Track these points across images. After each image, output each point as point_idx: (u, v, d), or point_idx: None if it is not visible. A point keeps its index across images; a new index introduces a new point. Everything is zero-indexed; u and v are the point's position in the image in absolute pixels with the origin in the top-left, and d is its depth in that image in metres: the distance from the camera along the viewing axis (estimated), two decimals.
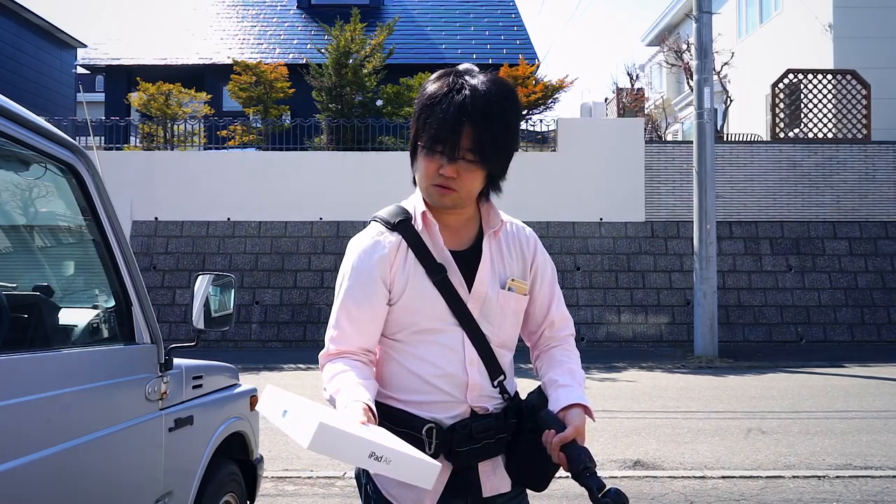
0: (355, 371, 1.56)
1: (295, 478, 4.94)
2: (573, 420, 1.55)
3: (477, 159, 1.55)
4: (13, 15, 20.15)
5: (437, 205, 1.63)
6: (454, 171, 1.55)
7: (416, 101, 1.64)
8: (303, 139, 14.45)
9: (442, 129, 1.54)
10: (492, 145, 1.56)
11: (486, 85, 1.57)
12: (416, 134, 1.61)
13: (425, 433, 1.57)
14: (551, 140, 13.92)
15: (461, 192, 1.59)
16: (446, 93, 1.56)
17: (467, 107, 1.53)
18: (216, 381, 2.88)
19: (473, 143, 1.54)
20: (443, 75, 1.62)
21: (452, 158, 1.55)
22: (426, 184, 1.61)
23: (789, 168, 13.24)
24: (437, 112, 1.55)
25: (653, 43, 26.44)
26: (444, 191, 1.59)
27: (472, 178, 1.58)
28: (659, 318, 12.38)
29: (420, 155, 1.60)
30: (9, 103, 1.74)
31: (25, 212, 2.39)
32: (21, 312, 2.05)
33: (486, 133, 1.54)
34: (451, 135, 1.53)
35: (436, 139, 1.55)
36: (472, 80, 1.58)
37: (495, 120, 1.55)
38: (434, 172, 1.57)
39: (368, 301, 1.60)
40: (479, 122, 1.53)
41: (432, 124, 1.55)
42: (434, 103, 1.56)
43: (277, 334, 12.31)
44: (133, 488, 2.15)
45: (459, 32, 19.61)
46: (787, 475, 4.91)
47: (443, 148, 1.55)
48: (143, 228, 13.04)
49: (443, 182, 1.57)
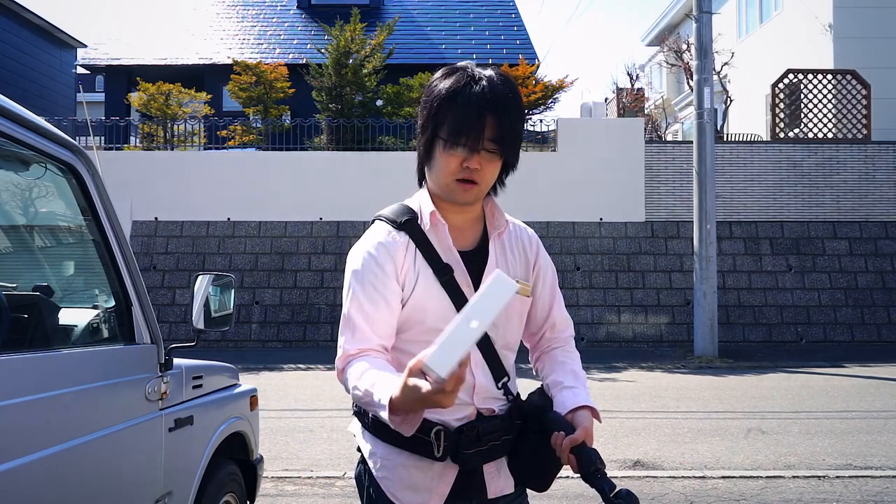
0: (384, 367, 1.50)
1: (295, 478, 4.94)
2: (581, 422, 1.55)
3: (498, 149, 1.57)
4: (13, 15, 20.15)
5: (460, 201, 1.62)
6: (478, 162, 1.56)
7: (424, 99, 1.63)
8: (303, 139, 14.45)
9: (465, 121, 1.54)
10: (511, 133, 1.58)
11: (498, 76, 1.60)
12: (433, 131, 1.59)
13: (434, 435, 1.57)
14: (551, 140, 13.92)
15: (483, 184, 1.60)
16: (464, 85, 1.56)
17: (487, 96, 1.54)
18: (216, 381, 2.88)
19: (496, 133, 1.55)
20: (453, 71, 1.62)
21: (475, 149, 1.55)
22: (448, 180, 1.59)
23: (789, 168, 13.24)
24: (457, 105, 1.55)
25: (653, 43, 26.45)
26: (468, 185, 1.58)
27: (493, 168, 1.60)
28: (659, 318, 12.38)
29: (439, 151, 1.59)
30: (9, 103, 1.74)
31: (25, 212, 2.39)
32: (21, 312, 2.05)
33: (506, 122, 1.56)
34: (476, 126, 1.54)
35: (459, 132, 1.55)
36: (486, 72, 1.60)
37: (513, 108, 1.57)
38: (457, 167, 1.57)
39: (384, 299, 1.58)
40: (501, 111, 1.55)
41: (454, 117, 1.55)
42: (452, 97, 1.56)
43: (277, 334, 12.31)
44: (133, 488, 2.15)
45: (459, 32, 19.61)
46: (787, 475, 4.91)
47: (466, 140, 1.55)
48: (143, 228, 13.04)
49: (467, 175, 1.57)
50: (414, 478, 1.60)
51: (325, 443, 5.88)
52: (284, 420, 6.65)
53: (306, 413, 7.13)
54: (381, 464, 1.63)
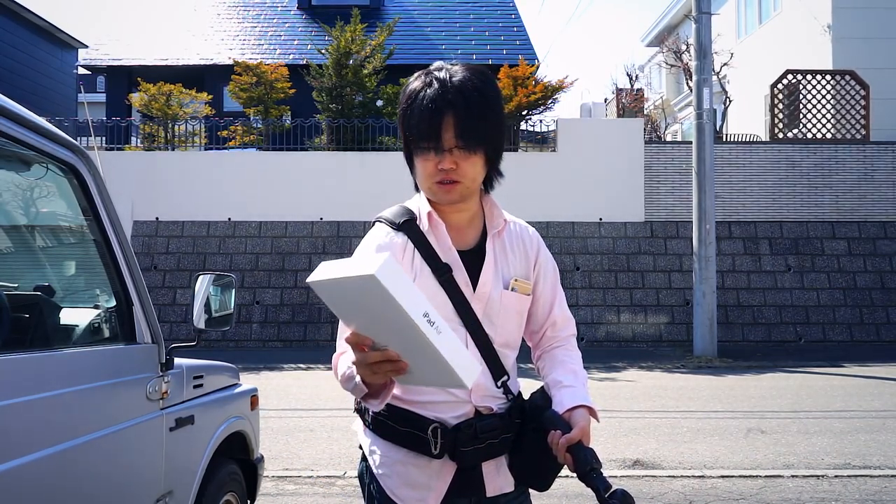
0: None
1: (295, 477, 4.94)
2: (579, 421, 1.56)
3: (464, 145, 1.56)
4: (14, 15, 20.14)
5: (445, 202, 1.63)
6: (452, 161, 1.56)
7: (399, 106, 1.65)
8: (303, 139, 14.46)
9: (423, 125, 1.55)
10: (476, 128, 1.56)
11: (459, 73, 1.59)
12: (406, 137, 1.62)
13: (430, 433, 1.58)
14: (551, 140, 13.93)
15: (465, 181, 1.59)
16: (422, 87, 1.58)
17: (441, 97, 1.55)
18: (217, 380, 2.89)
19: (457, 130, 1.54)
20: (417, 76, 1.64)
21: (441, 151, 1.55)
22: (428, 184, 1.61)
23: (788, 168, 13.25)
24: (415, 111, 1.57)
25: (652, 43, 26.45)
26: (448, 186, 1.59)
27: (471, 164, 1.58)
28: (658, 318, 12.39)
29: (415, 156, 1.61)
30: (10, 104, 1.75)
31: (27, 212, 2.40)
32: (22, 312, 2.06)
33: (467, 118, 1.55)
34: (433, 128, 1.54)
35: (421, 136, 1.56)
36: (441, 73, 1.59)
37: (473, 101, 1.56)
38: (433, 170, 1.58)
39: None
40: (458, 108, 1.54)
41: (415, 123, 1.57)
42: (411, 103, 1.59)
43: (278, 334, 12.31)
44: (134, 488, 2.16)
45: (459, 32, 19.60)
46: (786, 475, 4.92)
47: (428, 143, 1.56)
48: (144, 228, 13.05)
49: (444, 177, 1.58)
50: (412, 475, 1.61)
51: (326, 442, 5.89)
52: (285, 419, 6.66)
53: (307, 412, 7.14)
54: (381, 461, 1.64)
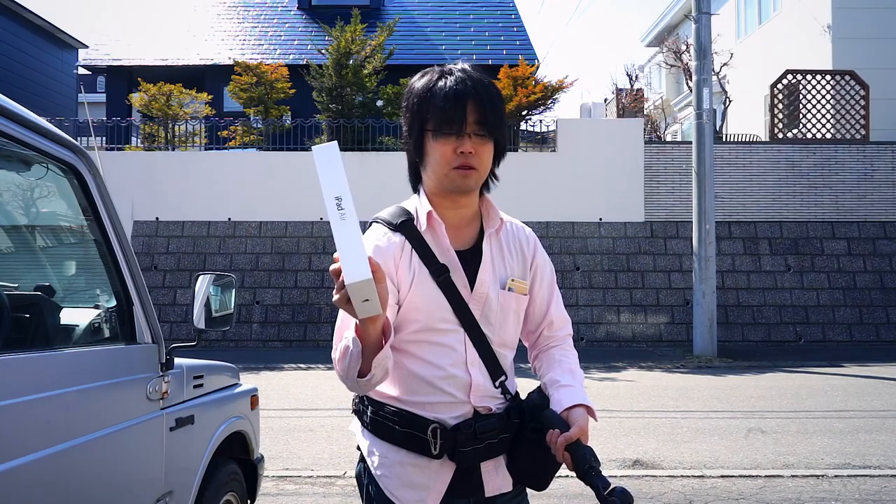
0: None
1: (295, 477, 4.95)
2: (577, 420, 1.56)
3: (485, 131, 1.61)
4: (14, 15, 20.14)
5: (460, 189, 1.65)
6: (471, 146, 1.60)
7: (405, 102, 1.69)
8: (303, 139, 14.46)
9: (448, 108, 1.59)
10: (494, 115, 1.62)
11: (469, 69, 1.68)
12: (420, 126, 1.64)
13: (430, 433, 1.59)
14: (551, 140, 13.93)
15: (481, 169, 1.64)
16: (438, 78, 1.64)
17: (463, 84, 1.61)
18: (217, 380, 2.89)
19: (479, 115, 1.60)
20: (426, 72, 1.69)
21: (462, 133, 1.60)
22: (446, 169, 1.62)
23: (788, 168, 13.25)
24: (437, 97, 1.61)
25: (652, 43, 26.46)
26: (467, 171, 1.62)
27: (487, 151, 1.64)
28: (658, 318, 12.39)
29: (431, 143, 1.63)
30: (10, 104, 1.75)
31: (27, 212, 2.40)
32: (22, 312, 2.06)
33: (487, 104, 1.61)
34: (459, 111, 1.59)
35: (444, 120, 1.60)
36: (455, 68, 1.67)
37: (490, 92, 1.64)
38: (451, 154, 1.61)
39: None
40: (479, 96, 1.61)
41: (437, 108, 1.61)
42: (430, 91, 1.63)
43: (278, 334, 12.32)
44: (134, 487, 2.16)
45: (459, 32, 19.60)
46: (786, 474, 4.92)
47: (452, 126, 1.60)
48: (145, 228, 13.05)
49: (463, 161, 1.61)
50: (411, 475, 1.61)
51: (326, 442, 5.89)
52: (285, 419, 6.66)
53: (307, 412, 7.14)
54: (380, 462, 1.65)
